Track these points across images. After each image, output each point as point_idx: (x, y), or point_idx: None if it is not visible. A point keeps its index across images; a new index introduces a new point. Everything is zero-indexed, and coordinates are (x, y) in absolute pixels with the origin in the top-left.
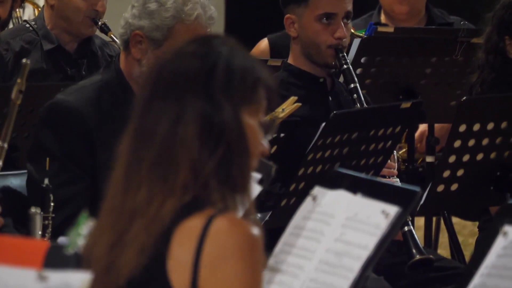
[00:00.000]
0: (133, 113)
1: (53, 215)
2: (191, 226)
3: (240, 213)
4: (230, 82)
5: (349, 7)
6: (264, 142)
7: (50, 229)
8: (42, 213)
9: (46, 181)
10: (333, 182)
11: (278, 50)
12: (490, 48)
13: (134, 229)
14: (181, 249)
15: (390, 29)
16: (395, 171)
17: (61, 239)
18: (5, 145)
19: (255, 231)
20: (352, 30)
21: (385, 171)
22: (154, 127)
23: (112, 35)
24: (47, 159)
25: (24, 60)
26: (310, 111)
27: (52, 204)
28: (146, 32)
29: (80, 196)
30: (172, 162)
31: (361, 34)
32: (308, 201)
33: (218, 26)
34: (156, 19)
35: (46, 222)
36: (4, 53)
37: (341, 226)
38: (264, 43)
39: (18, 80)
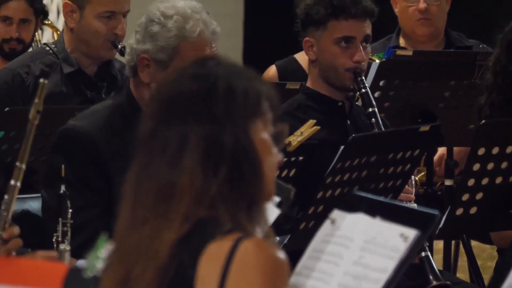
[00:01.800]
0: (138, 145)
1: (71, 221)
2: (218, 249)
3: (258, 232)
4: (232, 100)
5: (368, 30)
6: (277, 152)
7: (69, 236)
8: (60, 219)
9: (63, 187)
10: (351, 205)
11: (286, 75)
12: (499, 71)
13: (138, 267)
14: (207, 271)
15: (409, 53)
16: (413, 196)
17: (80, 262)
18: (23, 166)
19: (282, 256)
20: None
21: (402, 196)
22: (158, 158)
23: None
24: (62, 166)
25: (41, 80)
26: (329, 135)
27: (70, 210)
28: (152, 54)
29: (96, 221)
30: (175, 194)
31: (380, 58)
32: (326, 224)
33: (236, 53)
34: (160, 41)
35: (65, 228)
36: (25, 76)
37: (359, 249)
38: (272, 70)
39: (36, 100)
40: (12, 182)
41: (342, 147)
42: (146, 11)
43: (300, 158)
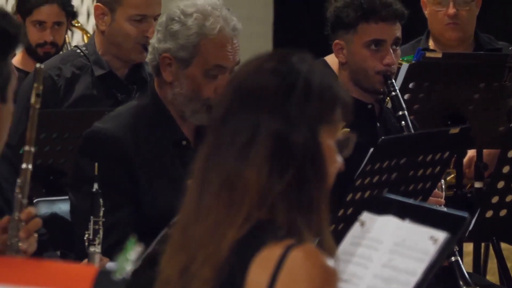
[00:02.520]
0: (208, 130)
1: (104, 219)
2: (268, 255)
3: (314, 238)
4: (309, 101)
5: (398, 33)
6: (339, 159)
7: (101, 234)
8: (92, 217)
9: (96, 186)
10: (381, 207)
11: None
12: None
13: (198, 260)
14: (256, 278)
15: (438, 55)
16: (443, 201)
17: (109, 265)
18: (32, 149)
19: (331, 265)
20: None
21: (432, 200)
22: (226, 147)
23: None
24: (95, 164)
25: (38, 65)
26: (358, 137)
27: (102, 208)
28: (173, 53)
29: (125, 222)
30: (239, 186)
31: (409, 60)
32: (356, 226)
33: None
34: (181, 39)
35: (97, 226)
36: (56, 78)
37: (389, 252)
38: None
39: (35, 85)
40: (24, 165)
41: (371, 149)
42: (166, 10)
43: None
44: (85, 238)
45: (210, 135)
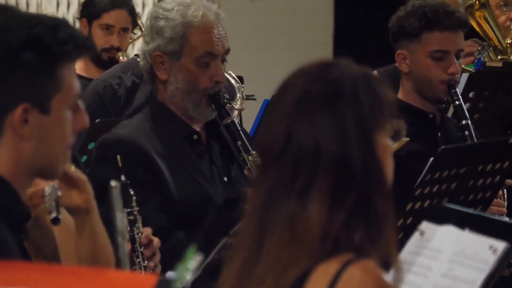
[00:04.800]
0: (267, 158)
1: (138, 208)
2: (325, 270)
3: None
4: (361, 110)
5: (461, 42)
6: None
7: (139, 224)
8: (125, 209)
9: (123, 177)
10: (441, 217)
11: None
12: None
13: None
14: None
15: (499, 64)
16: (505, 210)
17: (169, 274)
18: None
19: (388, 281)
20: None
21: (493, 209)
22: (287, 185)
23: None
24: (118, 157)
25: None
26: (419, 146)
27: (134, 198)
28: (163, 49)
29: (155, 212)
30: (301, 225)
31: (470, 69)
32: (415, 236)
33: (326, 48)
34: (167, 32)
35: (131, 217)
36: (117, 87)
37: (448, 261)
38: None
39: None
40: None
41: (431, 158)
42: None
43: None
44: None
45: (266, 163)
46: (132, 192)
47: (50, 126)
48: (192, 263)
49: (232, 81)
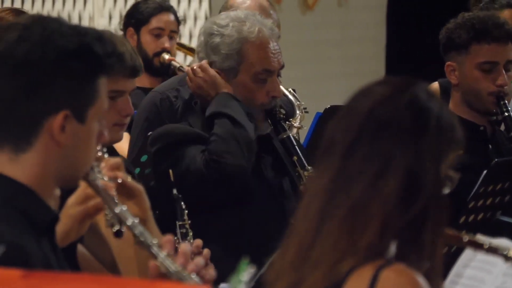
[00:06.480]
0: (334, 150)
1: (189, 221)
2: (360, 276)
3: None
4: (439, 140)
5: (510, 56)
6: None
7: (190, 237)
8: (177, 222)
9: (175, 191)
10: (494, 230)
11: (447, 95)
12: None
13: (309, 281)
14: None
15: None
16: None
17: (223, 286)
18: None
19: (423, 283)
20: None
21: None
22: (356, 174)
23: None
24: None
25: None
26: (470, 159)
27: (185, 211)
28: (219, 65)
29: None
30: (364, 216)
31: None
32: (469, 249)
33: (379, 46)
34: (223, 49)
35: (183, 230)
36: (174, 100)
37: (502, 274)
38: (434, 87)
39: None
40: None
41: (484, 171)
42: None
43: None
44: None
45: (335, 157)
46: (184, 206)
47: (82, 136)
48: (245, 275)
49: (292, 98)
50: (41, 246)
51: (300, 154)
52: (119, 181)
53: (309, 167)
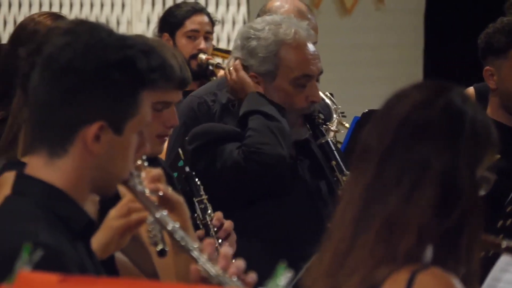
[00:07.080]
0: (369, 156)
1: (206, 196)
2: (397, 279)
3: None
4: (474, 144)
5: None
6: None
7: (210, 211)
8: (195, 198)
9: (187, 169)
10: None
11: (483, 100)
12: None
13: (346, 285)
14: None
15: None
16: None
17: None
18: None
19: (459, 286)
20: None
21: None
22: (391, 184)
23: None
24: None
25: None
26: (509, 164)
27: (201, 187)
28: (257, 69)
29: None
30: (400, 226)
31: None
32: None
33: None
34: (261, 52)
35: (202, 205)
36: (211, 104)
37: None
38: (470, 92)
39: None
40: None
41: None
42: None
43: None
44: (197, 221)
45: (370, 164)
46: (198, 182)
47: (118, 147)
48: (282, 280)
49: (329, 102)
50: (77, 250)
51: (339, 159)
52: (160, 193)
53: (347, 172)
